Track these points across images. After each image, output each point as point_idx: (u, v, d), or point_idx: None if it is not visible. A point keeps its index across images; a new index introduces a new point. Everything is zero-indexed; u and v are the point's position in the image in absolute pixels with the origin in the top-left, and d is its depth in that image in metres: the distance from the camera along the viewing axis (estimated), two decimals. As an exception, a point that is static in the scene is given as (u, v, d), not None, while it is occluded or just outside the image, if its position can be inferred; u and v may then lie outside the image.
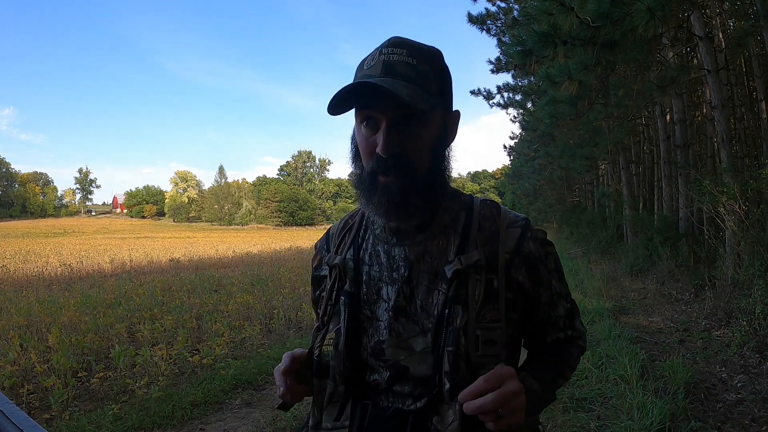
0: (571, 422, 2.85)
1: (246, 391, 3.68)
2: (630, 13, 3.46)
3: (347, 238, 0.84)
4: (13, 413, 0.70)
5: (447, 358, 0.69)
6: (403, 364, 0.72)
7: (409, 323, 0.73)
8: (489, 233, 0.76)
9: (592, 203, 19.19)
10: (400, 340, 0.73)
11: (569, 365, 0.82)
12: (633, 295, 6.74)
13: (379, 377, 0.74)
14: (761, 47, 6.76)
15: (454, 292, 0.71)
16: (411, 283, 0.75)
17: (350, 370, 0.74)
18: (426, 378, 0.71)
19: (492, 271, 0.73)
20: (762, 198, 5.31)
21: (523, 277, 0.75)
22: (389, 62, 0.70)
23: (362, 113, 0.72)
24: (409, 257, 0.76)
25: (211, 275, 10.14)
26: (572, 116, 6.91)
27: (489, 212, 0.78)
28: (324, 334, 0.78)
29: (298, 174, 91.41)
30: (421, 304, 0.73)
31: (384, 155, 0.69)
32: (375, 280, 0.77)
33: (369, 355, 0.75)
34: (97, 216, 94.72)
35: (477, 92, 11.90)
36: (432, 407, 0.69)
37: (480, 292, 0.71)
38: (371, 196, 0.72)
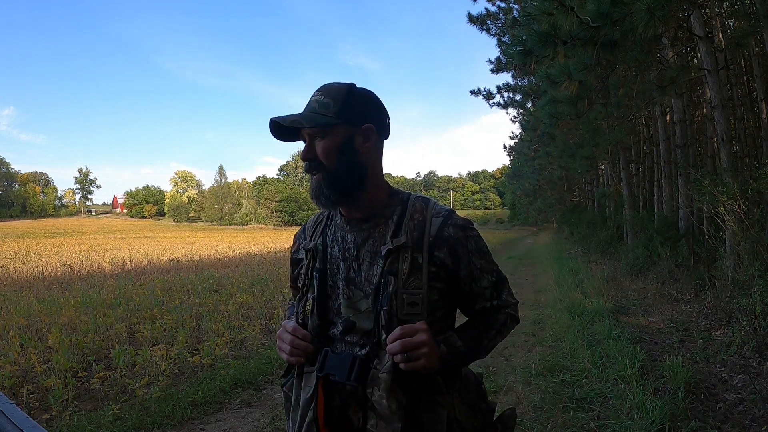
0: (571, 422, 2.85)
1: (246, 391, 3.68)
2: (630, 13, 3.46)
3: (319, 228, 1.09)
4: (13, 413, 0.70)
5: (383, 315, 0.92)
6: (352, 320, 0.97)
7: (356, 290, 0.98)
8: (417, 222, 0.98)
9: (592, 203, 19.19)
10: (350, 302, 0.98)
11: (495, 328, 1.03)
12: (633, 295, 6.74)
13: (336, 330, 0.99)
14: (761, 47, 6.76)
15: (388, 266, 0.94)
16: (358, 259, 0.99)
17: (321, 327, 1.00)
18: (369, 331, 0.95)
19: (418, 250, 0.95)
20: (762, 198, 5.31)
21: (444, 255, 0.96)
22: (309, 102, 0.98)
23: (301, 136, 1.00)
24: (357, 240, 1.00)
25: (211, 275, 10.14)
26: (572, 116, 6.90)
27: (419, 205, 1.01)
28: (304, 302, 1.03)
29: (298, 174, 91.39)
30: (365, 276, 0.97)
31: (302, 159, 0.99)
32: (336, 258, 1.02)
33: (333, 314, 1.00)
34: (97, 216, 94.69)
35: (477, 92, 11.92)
36: (373, 353, 0.93)
37: (407, 266, 0.94)
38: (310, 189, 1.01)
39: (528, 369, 3.83)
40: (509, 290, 1.06)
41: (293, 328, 0.99)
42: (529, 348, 4.59)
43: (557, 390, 3.36)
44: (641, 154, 12.79)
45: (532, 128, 13.05)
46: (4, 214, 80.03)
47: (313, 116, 0.95)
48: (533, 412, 3.04)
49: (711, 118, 7.39)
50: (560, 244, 20.44)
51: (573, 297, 6.69)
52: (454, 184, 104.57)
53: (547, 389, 3.37)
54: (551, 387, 3.41)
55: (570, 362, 3.95)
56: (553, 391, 3.33)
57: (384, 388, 0.89)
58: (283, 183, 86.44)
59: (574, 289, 7.44)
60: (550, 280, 8.76)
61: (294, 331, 0.99)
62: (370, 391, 0.91)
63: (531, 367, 3.84)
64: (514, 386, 3.50)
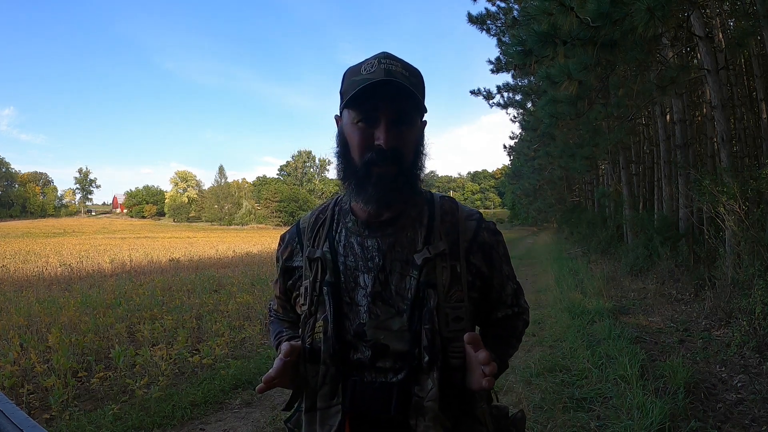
0: (571, 422, 2.85)
1: (246, 391, 3.68)
2: (630, 13, 3.46)
3: (321, 232, 0.91)
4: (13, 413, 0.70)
5: (425, 335, 0.79)
6: (383, 343, 0.82)
7: (385, 306, 0.83)
8: (450, 225, 0.88)
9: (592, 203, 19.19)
10: (378, 322, 0.82)
11: (516, 336, 0.98)
12: (633, 295, 6.73)
13: (362, 356, 0.82)
14: (761, 47, 6.76)
15: (425, 277, 0.82)
16: (385, 270, 0.84)
17: (339, 353, 0.82)
18: (404, 353, 0.81)
19: (454, 257, 0.85)
20: (762, 198, 5.30)
21: (479, 262, 0.88)
22: (390, 70, 0.80)
23: (360, 111, 0.81)
24: (381, 247, 0.85)
25: (211, 275, 10.14)
26: (572, 116, 6.90)
27: (449, 206, 0.91)
28: (312, 322, 0.85)
29: (298, 174, 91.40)
30: (395, 289, 0.83)
31: (385, 147, 0.80)
32: (351, 270, 0.86)
33: (352, 336, 0.83)
34: (97, 216, 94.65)
35: (477, 92, 11.91)
36: (411, 378, 0.80)
37: (447, 277, 0.83)
38: (364, 185, 0.82)
39: (528, 369, 3.83)
40: (524, 296, 1.01)
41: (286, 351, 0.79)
42: (529, 348, 4.59)
43: (557, 390, 3.36)
44: (641, 154, 12.78)
45: (532, 128, 13.05)
46: (4, 214, 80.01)
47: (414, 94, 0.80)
48: (533, 412, 3.04)
49: (711, 118, 7.39)
50: (560, 244, 20.44)
51: (573, 297, 6.68)
52: (454, 184, 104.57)
53: (547, 389, 3.37)
54: (551, 387, 3.41)
55: (570, 362, 3.95)
56: (553, 391, 3.33)
57: (431, 417, 0.79)
58: (283, 183, 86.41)
59: (574, 289, 7.44)
60: (550, 280, 8.76)
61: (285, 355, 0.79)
62: (414, 423, 0.79)
63: (531, 367, 3.84)
64: (514, 386, 3.50)
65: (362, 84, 0.79)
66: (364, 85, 0.78)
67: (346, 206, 0.92)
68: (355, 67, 0.85)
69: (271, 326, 1.09)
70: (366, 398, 0.81)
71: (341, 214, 0.92)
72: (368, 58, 0.84)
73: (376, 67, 0.81)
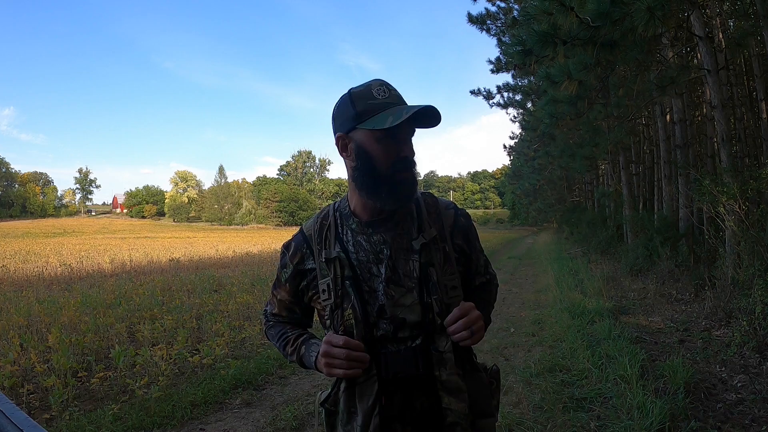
0: (571, 422, 2.85)
1: (246, 391, 3.68)
2: (630, 12, 3.46)
3: (330, 236, 1.06)
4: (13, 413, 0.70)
5: (435, 303, 0.99)
6: (400, 317, 0.99)
7: (397, 287, 1.00)
8: (435, 215, 1.07)
9: (592, 203, 19.19)
10: (394, 301, 1.00)
11: (493, 297, 1.21)
12: (633, 295, 6.73)
13: (384, 331, 0.99)
14: (761, 47, 6.76)
15: (425, 258, 1.01)
16: (392, 258, 1.01)
17: (366, 333, 0.99)
18: (418, 322, 0.99)
19: (443, 240, 1.05)
20: (762, 198, 5.30)
21: (461, 241, 1.09)
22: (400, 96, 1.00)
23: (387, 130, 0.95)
24: (387, 240, 1.02)
25: (211, 275, 10.14)
26: (572, 116, 6.91)
27: (431, 200, 1.10)
28: (340, 313, 1.00)
29: (298, 174, 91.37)
30: (403, 272, 1.01)
31: (411, 157, 1.00)
32: (364, 263, 1.02)
33: (375, 317, 1.00)
34: (97, 216, 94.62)
35: (477, 92, 11.90)
36: (428, 340, 0.99)
37: (440, 256, 1.03)
38: (393, 189, 0.98)
39: (528, 369, 3.83)
40: (491, 265, 1.24)
41: (345, 341, 0.95)
42: (529, 348, 4.59)
43: (557, 390, 3.36)
44: (641, 154, 12.79)
45: (532, 128, 13.05)
46: (4, 214, 79.98)
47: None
48: (533, 412, 3.04)
49: (711, 118, 7.39)
50: (560, 244, 20.44)
51: (573, 297, 6.68)
52: (454, 184, 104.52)
53: (547, 389, 3.37)
54: (551, 387, 3.41)
55: (570, 362, 3.95)
56: (553, 391, 3.33)
57: (450, 366, 0.98)
58: (283, 183, 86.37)
59: (574, 289, 7.44)
60: (550, 280, 8.76)
61: (346, 344, 0.95)
62: (438, 373, 0.98)
63: (531, 367, 3.84)
64: (514, 386, 3.50)
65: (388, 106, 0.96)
66: (410, 112, 0.92)
67: (346, 211, 1.07)
68: (363, 90, 0.98)
69: (272, 330, 1.20)
70: (397, 364, 0.99)
71: (343, 218, 1.07)
72: (370, 84, 0.99)
73: (387, 92, 0.98)
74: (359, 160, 1.00)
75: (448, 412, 0.98)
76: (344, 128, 1.00)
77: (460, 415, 0.98)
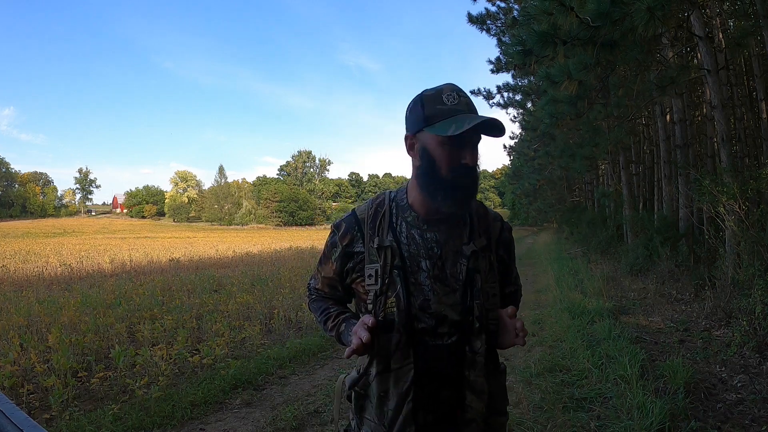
0: (571, 422, 2.85)
1: (246, 391, 3.68)
2: (630, 12, 3.46)
3: (383, 224, 1.09)
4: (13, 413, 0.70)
5: (477, 307, 1.04)
6: (443, 314, 1.04)
7: (443, 286, 1.05)
8: (485, 225, 1.14)
9: (592, 203, 19.19)
10: (439, 297, 1.04)
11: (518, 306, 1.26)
12: (633, 295, 6.73)
13: (426, 324, 1.04)
14: (761, 47, 6.76)
15: (472, 264, 1.06)
16: (442, 258, 1.06)
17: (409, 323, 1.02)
18: (458, 321, 1.05)
19: (489, 251, 1.11)
20: (762, 198, 5.31)
21: (503, 253, 1.17)
22: (470, 104, 1.03)
23: (452, 137, 0.98)
24: (439, 240, 1.07)
25: (211, 275, 10.13)
26: (572, 116, 6.90)
27: (481, 210, 1.16)
28: (384, 299, 1.04)
29: (298, 174, 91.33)
30: (450, 273, 1.06)
31: (472, 165, 1.03)
32: (414, 256, 1.06)
33: (417, 309, 1.04)
34: (97, 216, 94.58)
35: (477, 92, 11.89)
36: (463, 340, 1.04)
37: (486, 265, 1.08)
38: (451, 193, 1.02)
39: (528, 369, 3.83)
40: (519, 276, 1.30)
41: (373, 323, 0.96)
42: (529, 348, 4.59)
43: (557, 390, 3.36)
44: (641, 154, 12.79)
45: (532, 128, 13.04)
46: (4, 214, 79.96)
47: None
48: (533, 412, 3.04)
49: (711, 118, 7.39)
50: (560, 244, 20.44)
51: (573, 297, 6.68)
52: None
53: (547, 389, 3.37)
54: (551, 387, 3.41)
55: (570, 362, 3.95)
56: (553, 391, 3.33)
57: (479, 368, 1.04)
58: (283, 183, 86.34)
59: (574, 289, 7.44)
60: (550, 280, 8.76)
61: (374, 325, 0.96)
62: (467, 373, 1.04)
63: (531, 367, 3.84)
64: (514, 386, 3.49)
65: (455, 113, 0.99)
66: (472, 123, 0.96)
67: (403, 203, 1.11)
68: (434, 94, 1.02)
69: (315, 303, 1.24)
70: (432, 357, 1.03)
71: (399, 209, 1.11)
72: (442, 88, 1.03)
73: (457, 99, 1.01)
74: (423, 161, 1.04)
75: (469, 408, 1.04)
76: (412, 129, 1.05)
77: (478, 413, 1.05)
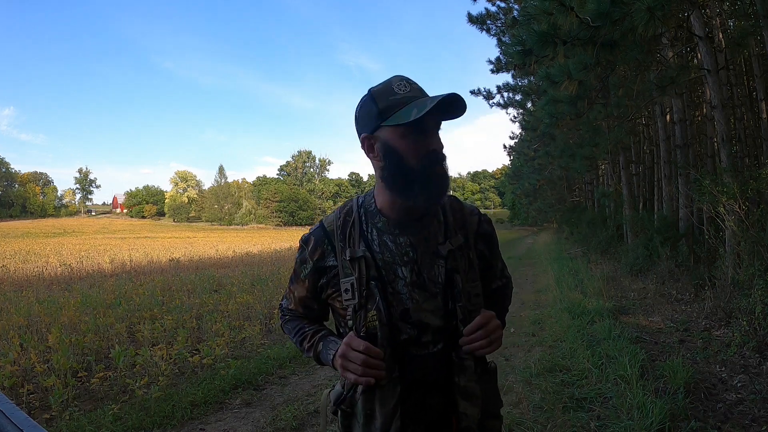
0: (571, 422, 2.84)
1: (246, 391, 3.68)
2: (630, 12, 3.46)
3: (354, 233, 1.02)
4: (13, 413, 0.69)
5: (459, 311, 0.98)
6: (425, 322, 0.98)
7: (422, 292, 0.98)
8: (460, 221, 1.05)
9: (592, 203, 19.18)
10: (418, 305, 0.98)
11: (508, 301, 1.22)
12: (633, 295, 6.73)
13: (408, 335, 0.98)
14: (761, 47, 6.75)
15: (451, 265, 0.99)
16: (418, 262, 0.99)
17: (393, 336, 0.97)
18: (441, 327, 0.98)
19: (468, 247, 1.04)
20: (762, 198, 5.30)
21: (483, 248, 1.09)
22: (422, 89, 0.96)
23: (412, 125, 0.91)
24: (414, 243, 1.00)
25: (211, 275, 10.14)
26: (572, 116, 6.90)
27: (456, 204, 1.08)
28: (364, 313, 0.97)
29: (298, 174, 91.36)
30: (428, 276, 0.99)
31: (441, 150, 0.96)
32: (389, 264, 0.99)
33: (398, 320, 0.98)
34: (97, 216, 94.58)
35: (477, 92, 11.89)
36: (449, 346, 0.98)
37: (465, 263, 1.01)
38: (428, 183, 0.94)
39: (528, 369, 3.83)
40: (507, 268, 1.23)
41: (366, 347, 0.92)
42: (529, 348, 4.59)
43: (557, 390, 3.36)
44: (641, 154, 12.78)
45: (532, 128, 13.04)
46: (4, 214, 79.96)
47: None
48: (533, 412, 3.04)
49: (711, 118, 7.39)
50: (560, 244, 20.43)
51: (573, 297, 6.68)
52: (454, 184, 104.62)
53: (547, 389, 3.37)
54: (551, 387, 3.41)
55: (570, 362, 3.95)
56: (553, 391, 3.33)
57: (469, 373, 0.98)
58: (283, 183, 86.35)
59: (574, 289, 7.44)
60: (550, 280, 8.76)
61: (367, 350, 0.92)
62: (457, 379, 0.98)
63: (531, 367, 3.84)
64: (514, 386, 3.50)
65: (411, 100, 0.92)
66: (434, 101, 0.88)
67: (372, 208, 1.03)
68: (383, 88, 0.96)
69: (289, 324, 1.17)
70: (419, 368, 0.98)
71: (368, 215, 1.03)
72: (390, 80, 0.96)
73: (408, 87, 0.95)
74: (387, 159, 0.96)
75: (463, 416, 0.98)
76: (368, 128, 0.97)
77: (473, 420, 0.99)
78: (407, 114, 0.90)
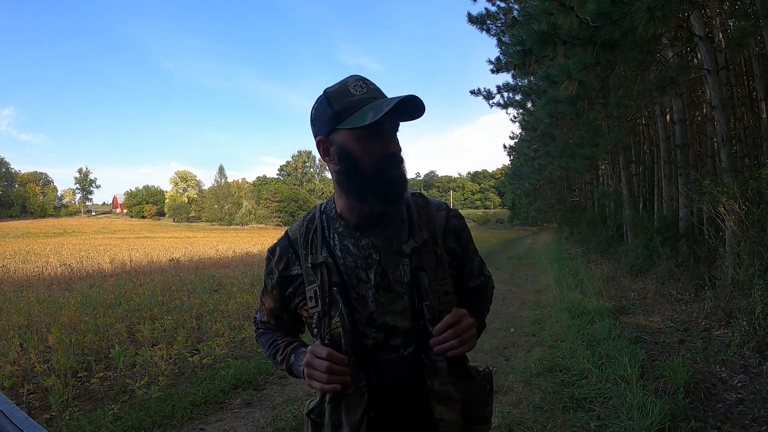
0: (571, 422, 2.85)
1: (246, 391, 3.68)
2: (630, 12, 3.46)
3: (316, 240, 1.00)
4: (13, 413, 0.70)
5: (427, 310, 0.94)
6: (391, 324, 0.94)
7: (387, 293, 0.95)
8: (426, 217, 1.02)
9: (592, 203, 19.18)
10: (384, 308, 0.95)
11: (488, 300, 1.16)
12: (633, 295, 6.73)
13: (375, 339, 0.95)
14: (761, 47, 6.75)
15: (416, 263, 0.96)
16: (382, 263, 0.96)
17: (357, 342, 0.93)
18: (410, 329, 0.94)
19: (434, 244, 0.99)
20: (762, 198, 5.30)
21: (453, 244, 1.04)
22: (378, 89, 0.93)
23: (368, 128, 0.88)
24: (376, 245, 0.97)
25: (211, 275, 10.13)
26: (572, 116, 6.91)
27: (421, 201, 1.04)
28: (328, 321, 0.94)
29: (298, 174, 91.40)
30: (393, 277, 0.96)
31: (399, 153, 0.94)
32: (352, 269, 0.96)
33: (364, 325, 0.94)
34: (97, 216, 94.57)
35: (477, 92, 11.90)
36: (420, 348, 0.94)
37: (432, 260, 0.97)
38: (384, 188, 0.92)
39: (528, 369, 3.83)
40: (486, 267, 1.18)
41: (328, 354, 0.89)
42: (529, 348, 4.59)
43: (557, 390, 3.36)
44: (641, 154, 12.78)
45: (532, 128, 13.04)
46: (4, 214, 79.96)
47: None
48: (533, 412, 3.04)
49: (711, 118, 7.39)
50: (560, 244, 20.44)
51: (573, 297, 6.68)
52: (454, 184, 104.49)
53: (547, 389, 3.37)
54: (551, 387, 3.41)
55: (570, 362, 3.95)
56: (553, 391, 3.33)
57: (443, 375, 0.94)
58: (283, 183, 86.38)
59: (574, 289, 7.44)
60: (550, 280, 8.76)
61: (329, 357, 0.89)
62: (431, 383, 0.94)
63: (531, 367, 3.84)
64: (514, 386, 3.50)
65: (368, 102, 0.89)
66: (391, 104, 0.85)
67: (332, 213, 1.01)
68: (338, 89, 0.92)
69: (263, 337, 1.15)
70: (389, 373, 0.94)
71: (329, 221, 1.01)
72: (346, 80, 0.93)
73: (365, 87, 0.91)
74: (342, 162, 0.93)
75: (440, 422, 0.94)
76: (324, 131, 0.94)
77: (452, 425, 0.94)
78: (363, 117, 0.87)
